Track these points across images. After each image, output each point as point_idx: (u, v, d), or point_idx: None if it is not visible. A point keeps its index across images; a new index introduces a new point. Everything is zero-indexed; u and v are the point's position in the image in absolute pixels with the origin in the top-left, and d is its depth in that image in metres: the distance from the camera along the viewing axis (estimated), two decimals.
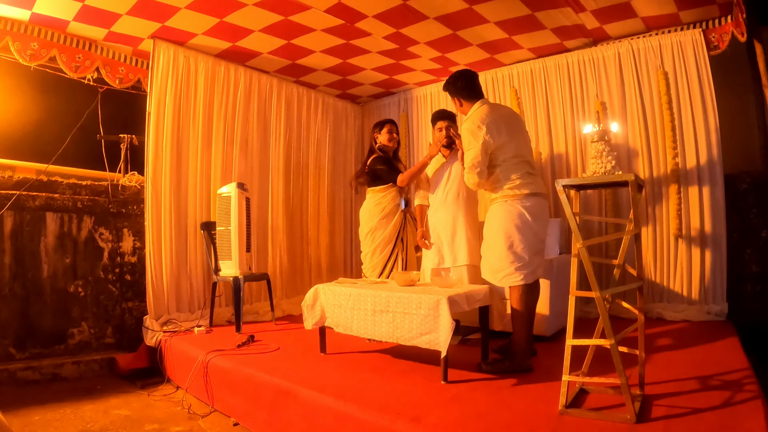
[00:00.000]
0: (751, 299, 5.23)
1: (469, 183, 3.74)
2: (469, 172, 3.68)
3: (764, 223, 5.19)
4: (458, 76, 3.97)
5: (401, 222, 5.07)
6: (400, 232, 5.06)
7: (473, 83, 3.95)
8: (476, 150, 3.65)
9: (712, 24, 5.29)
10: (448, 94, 4.07)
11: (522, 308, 3.66)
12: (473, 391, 3.20)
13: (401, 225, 5.07)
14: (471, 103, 3.92)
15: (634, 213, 2.84)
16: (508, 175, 3.69)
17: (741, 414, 2.60)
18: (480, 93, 3.96)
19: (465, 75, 3.98)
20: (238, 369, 3.89)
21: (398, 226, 5.05)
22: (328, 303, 4.11)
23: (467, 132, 3.73)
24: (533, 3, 4.98)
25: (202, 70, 5.97)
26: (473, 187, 3.79)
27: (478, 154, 3.65)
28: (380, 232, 5.04)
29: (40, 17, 4.97)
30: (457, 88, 3.96)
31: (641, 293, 2.97)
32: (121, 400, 4.29)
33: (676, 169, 5.31)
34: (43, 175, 5.34)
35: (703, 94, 5.26)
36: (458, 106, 4.01)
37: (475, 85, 3.96)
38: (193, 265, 5.80)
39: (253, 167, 6.59)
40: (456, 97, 3.99)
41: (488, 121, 3.69)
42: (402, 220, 5.08)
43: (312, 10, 5.05)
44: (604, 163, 2.97)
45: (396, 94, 7.93)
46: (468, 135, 3.72)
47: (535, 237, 3.72)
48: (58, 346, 5.18)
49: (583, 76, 6.02)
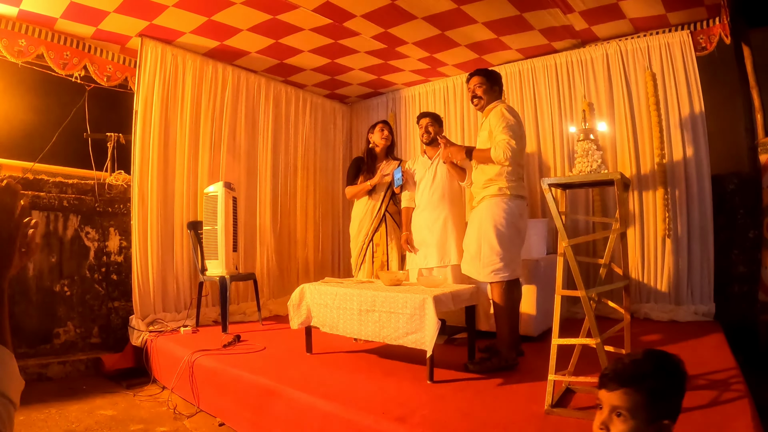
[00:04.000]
0: (738, 299, 5.25)
1: (503, 155, 3.64)
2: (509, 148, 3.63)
3: (751, 223, 5.21)
4: (495, 72, 4.14)
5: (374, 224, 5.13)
6: (371, 233, 5.13)
7: (502, 87, 4.17)
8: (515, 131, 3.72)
9: (700, 26, 5.32)
10: (479, 75, 4.08)
11: (504, 303, 3.73)
12: (459, 391, 3.20)
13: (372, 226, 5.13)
14: (496, 95, 4.05)
15: (620, 212, 2.84)
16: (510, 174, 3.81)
17: (728, 413, 2.61)
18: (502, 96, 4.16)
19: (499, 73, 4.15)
20: (223, 369, 3.87)
21: (369, 227, 5.14)
22: (314, 302, 4.09)
23: (508, 114, 3.80)
24: (521, 4, 4.98)
25: (189, 69, 5.94)
26: (500, 160, 3.69)
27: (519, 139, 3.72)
28: (354, 232, 5.25)
29: (28, 14, 4.93)
30: (498, 80, 4.09)
31: (627, 292, 2.98)
32: (106, 401, 4.25)
33: (663, 170, 5.34)
34: (29, 173, 5.29)
35: (691, 95, 5.29)
36: (486, 90, 4.02)
37: (502, 89, 4.17)
38: (180, 265, 5.76)
39: (241, 167, 6.57)
40: (490, 83, 4.04)
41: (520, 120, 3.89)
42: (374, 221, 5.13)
43: (300, 9, 5.03)
44: (590, 161, 2.97)
45: (384, 94, 7.93)
46: (509, 116, 3.77)
47: (519, 237, 3.87)
48: (44, 346, 5.13)
49: (571, 76, 6.03)
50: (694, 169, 5.26)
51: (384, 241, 5.09)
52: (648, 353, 1.48)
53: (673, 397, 1.42)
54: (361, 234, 5.17)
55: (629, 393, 1.37)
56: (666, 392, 1.40)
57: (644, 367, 1.41)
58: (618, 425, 1.37)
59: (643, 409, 1.36)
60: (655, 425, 1.36)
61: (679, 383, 1.44)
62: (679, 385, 1.44)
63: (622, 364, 1.44)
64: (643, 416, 1.36)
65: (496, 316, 3.80)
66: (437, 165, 4.67)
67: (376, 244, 5.11)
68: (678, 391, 1.44)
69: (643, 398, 1.37)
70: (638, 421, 1.35)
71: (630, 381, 1.38)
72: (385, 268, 5.05)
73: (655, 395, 1.37)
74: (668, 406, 1.39)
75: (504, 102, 4.00)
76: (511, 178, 3.80)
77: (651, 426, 1.36)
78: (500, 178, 3.79)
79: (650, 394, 1.37)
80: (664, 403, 1.38)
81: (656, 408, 1.36)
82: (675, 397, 1.43)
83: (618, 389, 1.39)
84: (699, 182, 5.24)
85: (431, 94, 7.33)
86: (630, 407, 1.36)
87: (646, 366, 1.41)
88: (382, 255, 5.09)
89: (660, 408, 1.37)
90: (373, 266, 5.09)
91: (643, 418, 1.36)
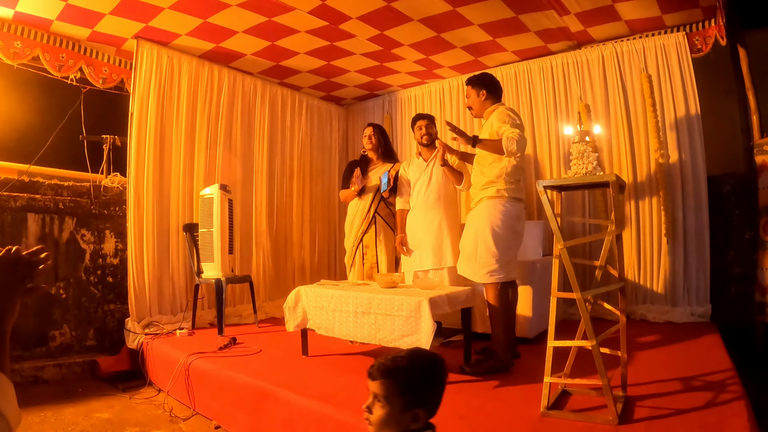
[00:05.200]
0: (734, 300, 5.26)
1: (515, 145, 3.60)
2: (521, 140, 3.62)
3: (747, 224, 5.22)
4: (493, 77, 4.15)
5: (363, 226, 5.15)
6: (360, 234, 5.16)
7: (500, 89, 4.14)
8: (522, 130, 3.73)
9: (696, 27, 5.32)
10: (471, 85, 4.11)
11: (499, 305, 3.74)
12: (455, 394, 3.18)
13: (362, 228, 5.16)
14: (493, 100, 4.05)
15: (616, 214, 2.84)
16: (509, 176, 3.81)
17: (724, 415, 2.61)
18: (501, 98, 4.14)
19: (497, 79, 4.15)
20: (219, 372, 3.86)
21: (358, 229, 5.17)
22: (310, 305, 4.09)
23: (512, 113, 3.82)
24: (517, 6, 4.99)
25: (185, 71, 5.93)
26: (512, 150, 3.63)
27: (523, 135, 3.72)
28: (346, 230, 5.32)
29: (24, 16, 4.92)
30: (490, 83, 4.07)
31: (623, 294, 2.97)
32: (102, 403, 4.24)
33: (659, 171, 5.34)
34: (24, 175, 5.27)
35: (687, 96, 5.30)
36: (481, 99, 4.05)
37: (500, 91, 4.13)
38: (176, 267, 5.75)
39: (237, 169, 6.55)
40: (485, 89, 4.04)
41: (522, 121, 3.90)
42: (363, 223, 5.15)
43: (296, 11, 5.03)
44: (585, 163, 2.97)
45: (380, 96, 7.92)
46: (513, 115, 3.79)
47: (516, 239, 3.88)
48: (40, 349, 5.11)
49: (567, 78, 6.03)
50: (690, 170, 5.27)
51: (374, 243, 5.10)
52: (410, 351, 1.72)
53: (425, 390, 1.62)
54: (351, 235, 5.22)
55: (385, 383, 1.59)
56: (417, 385, 1.61)
57: (401, 362, 1.63)
58: (377, 410, 1.60)
59: (397, 397, 1.58)
60: (410, 413, 1.58)
61: (431, 378, 1.65)
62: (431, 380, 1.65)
63: (385, 359, 1.65)
64: (397, 404, 1.58)
65: (491, 318, 3.81)
66: (432, 167, 4.66)
67: (366, 246, 5.12)
68: (430, 385, 1.65)
69: (396, 389, 1.59)
70: (393, 408, 1.58)
71: (386, 373, 1.60)
72: (375, 270, 5.05)
73: (407, 387, 1.59)
74: (421, 397, 1.60)
75: (504, 104, 4.01)
76: (510, 180, 3.81)
77: (405, 413, 1.58)
78: (499, 180, 3.80)
79: (402, 386, 1.59)
80: (415, 394, 1.59)
81: (408, 398, 1.58)
82: (428, 390, 1.64)
83: (377, 380, 1.61)
84: (695, 183, 5.25)
85: (427, 95, 7.32)
86: (386, 395, 1.59)
87: (402, 362, 1.63)
88: (372, 257, 5.09)
89: (412, 398, 1.59)
90: (363, 268, 5.10)
91: (397, 405, 1.58)
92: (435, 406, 1.67)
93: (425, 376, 1.64)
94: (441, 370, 1.70)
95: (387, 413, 1.59)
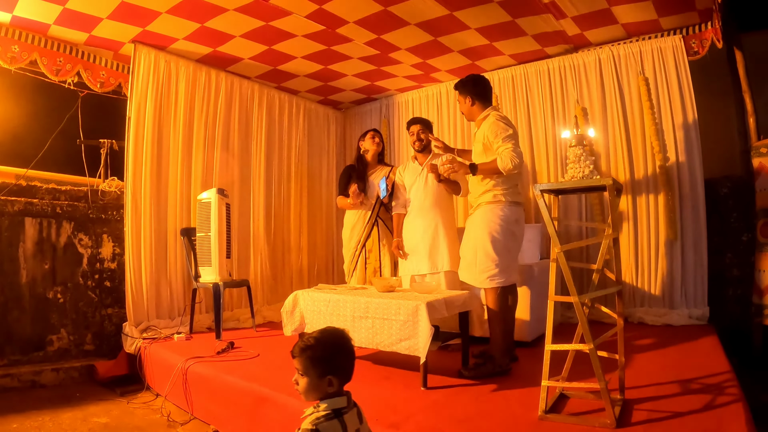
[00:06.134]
0: (732, 303, 5.27)
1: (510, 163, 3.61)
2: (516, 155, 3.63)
3: (745, 227, 5.24)
4: (478, 78, 4.13)
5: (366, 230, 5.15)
6: (363, 239, 5.16)
7: (488, 89, 4.12)
8: (516, 140, 3.75)
9: (693, 30, 5.33)
10: (458, 91, 4.16)
11: (498, 309, 3.76)
12: (453, 397, 3.20)
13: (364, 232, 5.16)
14: (484, 106, 4.05)
15: (612, 217, 2.84)
16: (506, 182, 3.84)
17: (722, 417, 2.61)
18: (491, 101, 4.15)
19: (484, 79, 4.13)
20: (217, 376, 3.85)
21: (361, 233, 5.17)
22: (308, 309, 4.08)
23: (502, 123, 3.81)
24: (514, 9, 4.99)
25: (183, 75, 5.92)
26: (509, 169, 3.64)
27: (517, 144, 3.75)
28: (346, 237, 5.30)
29: (21, 20, 4.92)
30: (476, 88, 4.07)
31: (620, 297, 2.97)
32: (100, 408, 4.23)
33: (656, 174, 5.35)
34: (22, 179, 5.28)
35: (683, 99, 5.31)
36: (469, 105, 4.07)
37: (489, 92, 4.12)
38: (173, 272, 5.74)
39: (234, 173, 6.55)
40: (470, 96, 4.06)
41: (514, 127, 3.89)
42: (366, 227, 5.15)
43: (293, 15, 5.03)
44: (582, 167, 2.97)
45: (377, 100, 7.92)
46: (503, 125, 3.78)
47: (516, 243, 3.91)
48: (37, 353, 5.10)
49: (563, 82, 6.04)
50: (687, 173, 5.27)
51: (376, 247, 5.10)
52: (319, 331, 2.05)
53: (333, 361, 1.97)
54: (353, 240, 5.19)
55: (302, 360, 1.96)
56: (325, 357, 1.96)
57: (310, 342, 1.98)
58: (301, 381, 1.96)
59: (312, 369, 1.94)
60: (324, 379, 1.93)
61: (337, 351, 2.01)
62: (337, 353, 2.00)
63: (300, 341, 2.01)
64: (313, 374, 1.94)
65: (490, 322, 3.82)
66: (428, 171, 4.65)
67: (369, 250, 5.11)
68: (337, 357, 1.99)
69: (310, 362, 1.95)
70: (311, 378, 1.94)
71: (299, 352, 1.97)
72: (377, 274, 5.05)
73: (318, 360, 1.94)
74: (331, 366, 1.95)
75: (495, 109, 4.02)
76: (508, 184, 3.83)
77: (321, 380, 1.94)
78: (497, 185, 3.82)
79: (312, 359, 1.95)
80: (326, 365, 1.94)
81: (321, 368, 1.93)
82: (336, 360, 1.98)
83: (296, 357, 1.98)
84: (692, 186, 5.26)
85: (424, 99, 7.33)
86: (304, 369, 1.96)
87: (311, 341, 1.98)
88: (375, 261, 5.09)
89: (324, 368, 1.94)
90: (366, 272, 5.10)
91: (314, 375, 1.94)
92: (346, 372, 2.02)
93: (332, 350, 1.99)
94: (346, 343, 2.06)
95: (307, 382, 1.95)
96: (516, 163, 3.60)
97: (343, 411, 1.94)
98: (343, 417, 1.92)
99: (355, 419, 1.99)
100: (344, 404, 1.96)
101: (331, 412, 1.91)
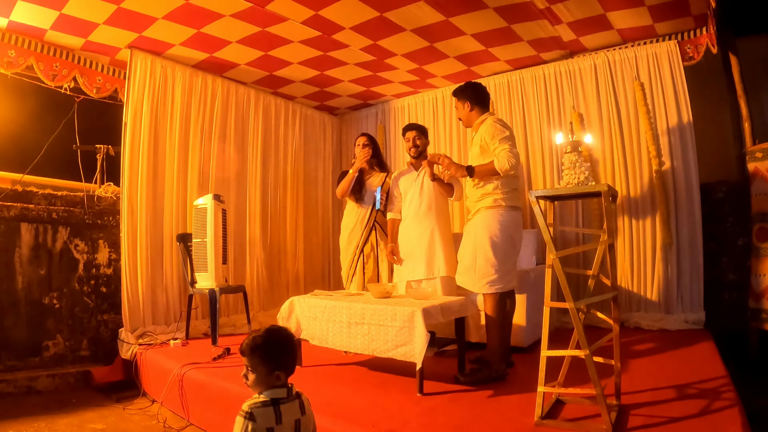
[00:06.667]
0: (728, 307, 5.27)
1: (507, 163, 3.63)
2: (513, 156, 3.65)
3: (741, 231, 5.24)
4: (476, 84, 4.15)
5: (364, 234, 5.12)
6: (361, 244, 5.13)
7: (486, 95, 4.15)
8: (512, 141, 3.76)
9: (688, 35, 5.36)
10: (456, 97, 4.16)
11: (496, 315, 3.74)
12: (449, 403, 3.19)
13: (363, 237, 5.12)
14: (481, 111, 4.06)
15: (608, 223, 2.85)
16: (504, 186, 3.83)
17: (718, 422, 2.61)
18: (489, 106, 4.15)
19: (481, 86, 4.16)
20: (213, 382, 3.84)
21: (359, 238, 5.13)
22: (304, 315, 4.09)
23: (499, 125, 3.82)
24: (510, 15, 5.00)
25: (179, 81, 5.93)
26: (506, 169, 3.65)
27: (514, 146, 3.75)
28: (344, 243, 5.26)
29: (18, 25, 4.92)
30: (474, 93, 4.09)
31: (616, 303, 2.98)
32: (96, 414, 4.21)
33: (652, 178, 5.36)
34: (18, 185, 5.26)
35: (679, 104, 5.33)
36: (467, 110, 4.09)
37: (487, 98, 4.14)
38: (169, 278, 5.74)
39: (231, 179, 6.55)
40: (469, 101, 4.07)
41: (512, 130, 3.90)
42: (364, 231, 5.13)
43: (289, 21, 5.04)
44: (577, 173, 2.98)
45: (373, 105, 7.94)
46: (501, 127, 3.80)
47: (514, 248, 3.89)
48: (33, 359, 5.09)
49: (559, 87, 6.06)
50: (683, 177, 5.29)
51: (374, 253, 5.09)
52: (265, 330, 2.15)
53: (279, 358, 2.11)
54: (351, 245, 5.15)
55: (250, 357, 2.08)
56: (271, 354, 2.08)
57: (258, 341, 2.09)
58: (250, 376, 2.09)
59: (259, 365, 2.07)
60: (272, 375, 2.07)
61: (282, 349, 2.14)
62: (282, 350, 2.14)
63: (248, 339, 2.12)
64: (261, 370, 2.07)
65: (488, 327, 3.81)
66: (423, 177, 4.64)
67: (367, 255, 5.10)
68: (283, 354, 2.13)
69: (257, 359, 2.07)
70: (259, 374, 2.07)
71: (248, 351, 2.09)
72: (376, 279, 5.04)
73: (264, 357, 2.07)
74: (277, 362, 2.09)
75: (492, 114, 4.02)
76: (506, 189, 3.82)
77: (269, 376, 2.07)
78: (495, 190, 3.81)
79: (261, 357, 2.07)
80: (272, 361, 2.08)
81: (267, 364, 2.07)
82: (282, 357, 2.12)
83: (245, 356, 2.09)
84: (688, 191, 5.27)
85: (420, 105, 7.34)
86: (251, 365, 2.08)
87: (259, 341, 2.09)
88: (373, 265, 5.08)
89: (270, 364, 2.07)
90: (365, 277, 5.08)
91: (261, 371, 2.07)
92: (291, 367, 2.16)
93: (277, 348, 2.12)
94: (290, 341, 2.21)
95: (255, 377, 2.08)
96: (513, 164, 3.61)
97: (281, 401, 2.07)
98: (279, 406, 2.06)
99: (296, 410, 2.13)
100: (283, 395, 2.09)
101: (268, 400, 2.05)
